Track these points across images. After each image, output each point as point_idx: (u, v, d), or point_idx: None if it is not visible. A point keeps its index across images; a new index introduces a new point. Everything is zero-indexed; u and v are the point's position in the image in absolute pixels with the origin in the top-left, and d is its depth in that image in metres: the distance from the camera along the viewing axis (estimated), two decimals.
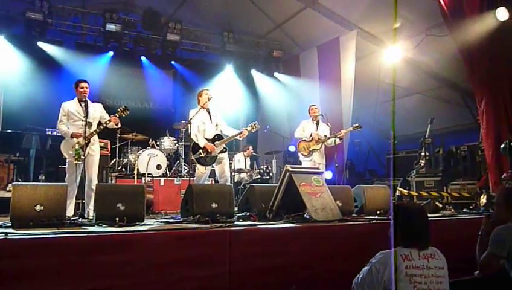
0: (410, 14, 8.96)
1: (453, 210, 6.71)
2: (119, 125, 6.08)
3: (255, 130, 6.47)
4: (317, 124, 7.64)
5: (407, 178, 8.43)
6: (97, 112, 5.91)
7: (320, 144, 7.45)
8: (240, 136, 6.41)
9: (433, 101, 11.06)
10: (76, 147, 5.44)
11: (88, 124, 5.62)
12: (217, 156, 6.27)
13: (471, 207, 7.07)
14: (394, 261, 2.53)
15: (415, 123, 10.54)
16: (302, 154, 7.52)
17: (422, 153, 8.27)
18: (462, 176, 8.36)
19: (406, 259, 2.55)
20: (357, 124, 7.59)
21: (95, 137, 5.81)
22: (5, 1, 9.61)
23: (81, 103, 5.80)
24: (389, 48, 9.91)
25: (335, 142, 7.52)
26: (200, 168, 6.34)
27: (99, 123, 5.86)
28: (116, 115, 5.85)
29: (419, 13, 8.92)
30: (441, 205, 6.71)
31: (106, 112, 6.07)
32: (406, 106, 11.20)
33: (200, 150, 6.24)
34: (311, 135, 7.49)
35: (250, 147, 10.25)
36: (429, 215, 5.84)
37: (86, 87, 5.86)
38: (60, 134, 5.93)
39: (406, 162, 9.96)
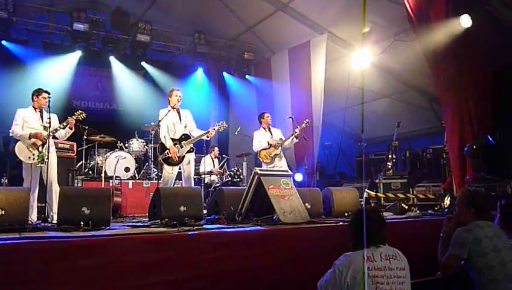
0: (379, 18, 9.12)
1: (418, 211, 6.87)
2: (73, 130, 5.96)
3: (222, 129, 6.46)
4: (270, 130, 7.69)
5: (375, 180, 8.58)
6: (52, 120, 5.75)
7: (280, 147, 7.51)
8: (207, 136, 6.37)
9: (401, 105, 11.30)
10: (40, 149, 5.38)
11: (45, 128, 5.55)
12: (184, 155, 6.23)
13: (436, 208, 7.26)
14: (358, 263, 2.57)
15: (384, 126, 10.75)
16: (265, 163, 7.52)
17: (390, 156, 8.44)
18: (428, 178, 8.56)
19: (368, 260, 2.60)
20: (307, 120, 7.66)
21: (50, 140, 5.69)
22: None
23: (37, 110, 5.73)
24: (357, 52, 10.06)
25: (292, 142, 7.59)
26: (167, 169, 6.30)
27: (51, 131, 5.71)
28: (74, 117, 5.80)
29: (387, 18, 9.09)
30: (406, 207, 6.84)
31: (72, 113, 5.95)
32: (374, 109, 11.40)
33: (167, 150, 6.21)
34: (268, 143, 7.51)
35: (216, 148, 10.22)
36: (395, 216, 6.01)
37: (47, 98, 5.70)
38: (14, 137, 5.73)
39: (375, 165, 10.14)
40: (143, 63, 11.72)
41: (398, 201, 7.05)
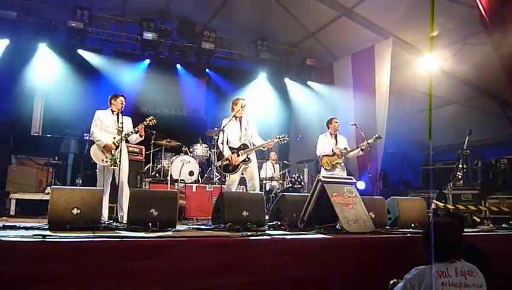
0: (447, 22, 8.75)
1: (491, 225, 6.46)
2: (143, 138, 6.23)
3: (283, 142, 6.46)
4: (336, 137, 7.52)
5: (444, 191, 8.18)
6: (126, 124, 6.06)
7: (343, 157, 7.35)
8: (265, 147, 6.40)
9: (471, 111, 10.74)
10: (113, 152, 5.69)
11: (119, 132, 5.83)
12: (239, 164, 6.30)
13: (510, 222, 6.79)
14: (430, 277, 2.46)
15: (452, 134, 10.27)
16: (325, 169, 7.39)
17: (460, 165, 8.01)
18: (502, 190, 8.05)
19: (442, 275, 2.48)
20: (377, 135, 7.43)
21: (123, 144, 5.97)
22: (48, 10, 10.00)
23: (114, 113, 6.02)
24: (425, 57, 9.71)
25: (357, 154, 7.43)
26: (229, 177, 6.39)
27: (125, 134, 6.00)
28: (144, 123, 6.04)
29: (456, 21, 8.71)
30: (478, 220, 6.48)
31: (140, 119, 6.22)
32: (442, 115, 10.92)
33: (224, 158, 6.31)
34: (332, 151, 7.36)
35: (272, 153, 10.21)
36: (467, 230, 5.70)
37: (124, 101, 6.07)
38: (92, 138, 6.08)
39: (443, 174, 9.69)
40: (207, 70, 12.00)
41: (469, 213, 6.69)
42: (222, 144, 6.27)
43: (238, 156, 6.29)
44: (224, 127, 6.26)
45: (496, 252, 4.77)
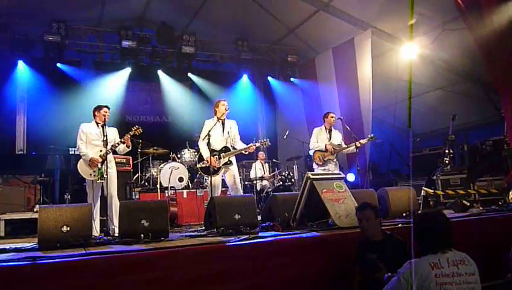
0: (425, 9, 8.80)
1: (481, 208, 6.52)
2: (130, 148, 6.20)
3: (264, 146, 6.46)
4: (330, 132, 7.52)
5: (432, 177, 8.24)
6: (112, 135, 6.03)
7: (335, 154, 7.36)
8: (246, 151, 6.38)
9: (455, 96, 10.84)
10: (99, 166, 5.62)
11: (105, 144, 5.79)
12: (220, 167, 6.28)
13: (500, 203, 6.86)
14: (425, 270, 2.47)
15: (438, 119, 10.37)
16: (317, 164, 7.41)
17: (446, 151, 8.08)
18: (489, 172, 8.13)
19: (435, 267, 2.49)
20: (371, 135, 7.45)
21: (110, 156, 5.93)
22: (23, 26, 9.86)
23: (99, 125, 5.94)
24: (405, 45, 9.77)
25: (350, 151, 7.46)
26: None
27: (112, 145, 5.96)
28: (130, 133, 5.98)
29: (434, 8, 8.75)
30: (468, 203, 6.53)
31: (126, 128, 6.17)
32: (427, 102, 11.01)
33: (205, 160, 6.29)
34: (326, 147, 7.36)
35: (260, 153, 10.18)
36: (457, 214, 5.75)
37: (108, 112, 6.01)
38: (78, 153, 6.02)
39: (430, 160, 9.77)
40: (189, 74, 11.94)
41: (459, 198, 6.74)
42: (210, 148, 6.23)
43: (220, 158, 6.27)
44: (210, 131, 6.23)
45: (487, 234, 4.84)
